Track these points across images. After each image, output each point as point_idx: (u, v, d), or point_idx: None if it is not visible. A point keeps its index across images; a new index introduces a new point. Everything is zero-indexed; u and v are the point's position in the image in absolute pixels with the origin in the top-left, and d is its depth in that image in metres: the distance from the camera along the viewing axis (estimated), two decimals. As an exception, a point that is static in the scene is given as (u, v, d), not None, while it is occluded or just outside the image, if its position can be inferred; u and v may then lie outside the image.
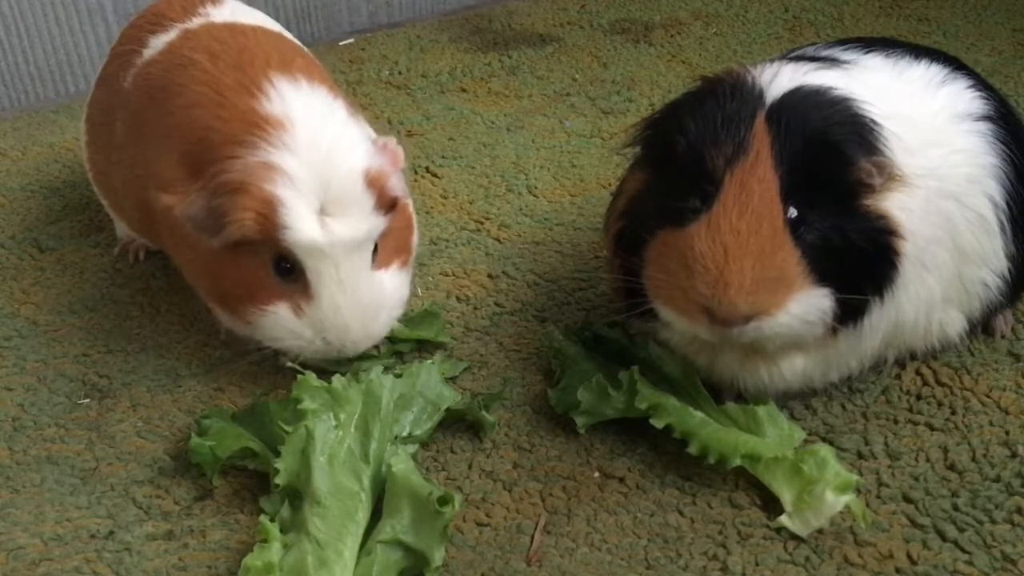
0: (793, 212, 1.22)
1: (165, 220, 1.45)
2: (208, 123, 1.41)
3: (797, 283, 1.21)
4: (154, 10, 1.72)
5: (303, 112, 1.41)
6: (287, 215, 1.33)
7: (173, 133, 1.45)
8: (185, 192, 1.39)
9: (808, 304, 1.23)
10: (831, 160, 1.23)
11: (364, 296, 1.41)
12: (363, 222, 1.38)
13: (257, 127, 1.38)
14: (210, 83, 1.45)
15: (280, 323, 1.40)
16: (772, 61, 1.39)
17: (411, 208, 1.58)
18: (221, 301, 1.46)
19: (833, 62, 1.40)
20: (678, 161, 1.27)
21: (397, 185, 1.43)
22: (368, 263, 1.42)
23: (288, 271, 1.38)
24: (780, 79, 1.29)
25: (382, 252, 1.45)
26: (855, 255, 1.24)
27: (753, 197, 1.21)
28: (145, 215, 1.57)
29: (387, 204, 1.41)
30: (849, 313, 1.26)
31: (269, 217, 1.33)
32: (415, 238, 1.57)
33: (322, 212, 1.36)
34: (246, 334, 1.47)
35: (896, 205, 1.26)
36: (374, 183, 1.39)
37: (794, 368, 1.32)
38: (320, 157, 1.36)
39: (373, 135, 1.53)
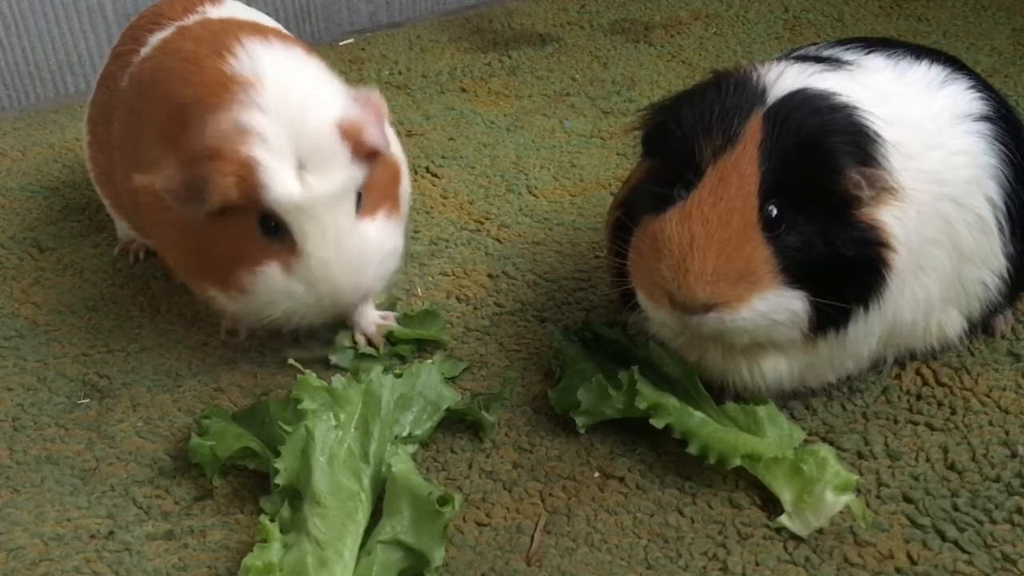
0: (773, 211, 1.22)
1: (143, 203, 1.43)
2: (180, 91, 1.40)
3: (764, 281, 1.21)
4: (155, 10, 1.72)
5: (272, 69, 1.39)
6: (265, 175, 1.31)
7: (154, 115, 1.45)
8: (161, 167, 1.37)
9: (775, 304, 1.23)
10: (821, 166, 1.22)
11: (350, 247, 1.38)
12: (340, 174, 1.36)
13: (225, 88, 1.36)
14: (188, 58, 1.44)
15: (272, 283, 1.38)
16: (778, 60, 1.39)
17: (401, 159, 1.56)
18: (211, 274, 1.43)
19: (837, 63, 1.40)
20: (672, 149, 1.28)
21: (376, 134, 1.40)
22: (352, 215, 1.39)
23: (274, 229, 1.36)
24: (785, 79, 1.29)
25: (366, 202, 1.42)
26: (840, 263, 1.24)
27: (730, 190, 1.21)
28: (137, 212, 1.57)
29: (365, 154, 1.39)
30: (830, 320, 1.26)
31: (248, 179, 1.31)
32: (405, 187, 1.55)
33: (299, 167, 1.34)
34: (240, 308, 1.45)
35: (891, 215, 1.25)
36: (349, 134, 1.37)
37: (777, 369, 1.32)
38: (291, 112, 1.34)
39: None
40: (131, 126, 1.54)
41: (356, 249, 1.39)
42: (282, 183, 1.32)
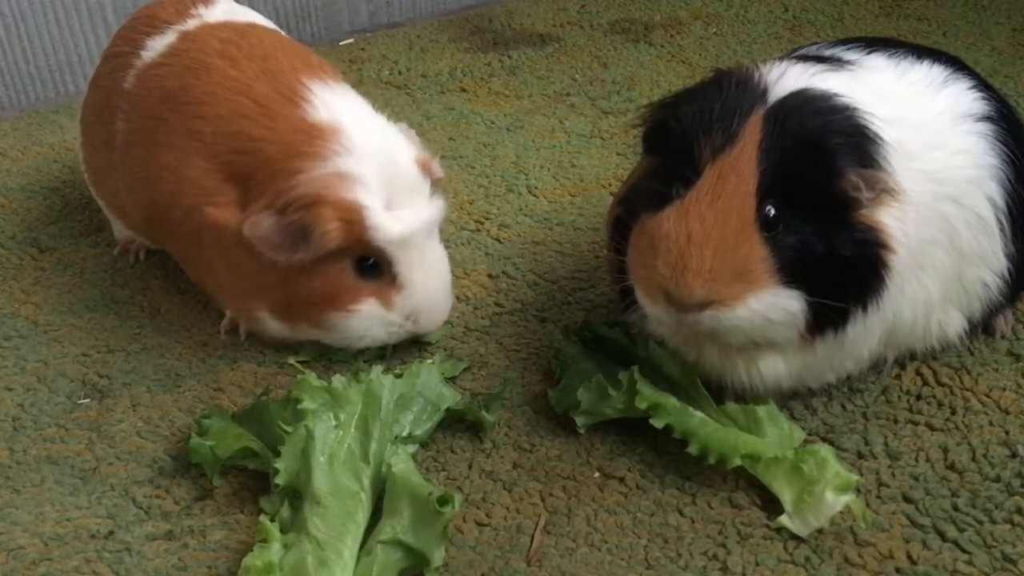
0: (770, 211, 1.22)
1: (211, 236, 1.47)
2: (256, 134, 1.44)
3: (760, 280, 1.21)
4: (147, 12, 1.73)
5: (348, 115, 1.47)
6: (371, 217, 1.39)
7: (206, 140, 1.47)
8: (240, 209, 1.42)
9: (771, 303, 1.22)
10: (820, 168, 1.22)
11: (443, 273, 1.51)
12: (431, 205, 1.47)
13: (312, 137, 1.42)
14: (246, 93, 1.48)
15: (369, 319, 1.46)
16: (780, 60, 1.39)
17: None
18: (290, 313, 1.48)
19: (839, 63, 1.40)
20: (672, 147, 1.28)
21: (438, 167, 1.53)
22: (439, 242, 1.51)
23: (370, 269, 1.44)
24: (786, 79, 1.29)
25: None
26: (839, 264, 1.23)
27: (728, 188, 1.22)
28: (151, 215, 1.58)
29: (436, 184, 1.51)
30: (828, 320, 1.26)
31: (355, 222, 1.38)
32: None
33: (388, 206, 1.42)
34: (313, 339, 1.52)
35: (891, 215, 1.25)
36: (425, 168, 1.48)
37: (775, 369, 1.32)
38: (377, 154, 1.43)
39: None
40: (149, 136, 1.55)
41: (445, 272, 1.51)
42: (388, 222, 1.40)
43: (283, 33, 1.74)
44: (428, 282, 1.47)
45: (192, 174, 1.47)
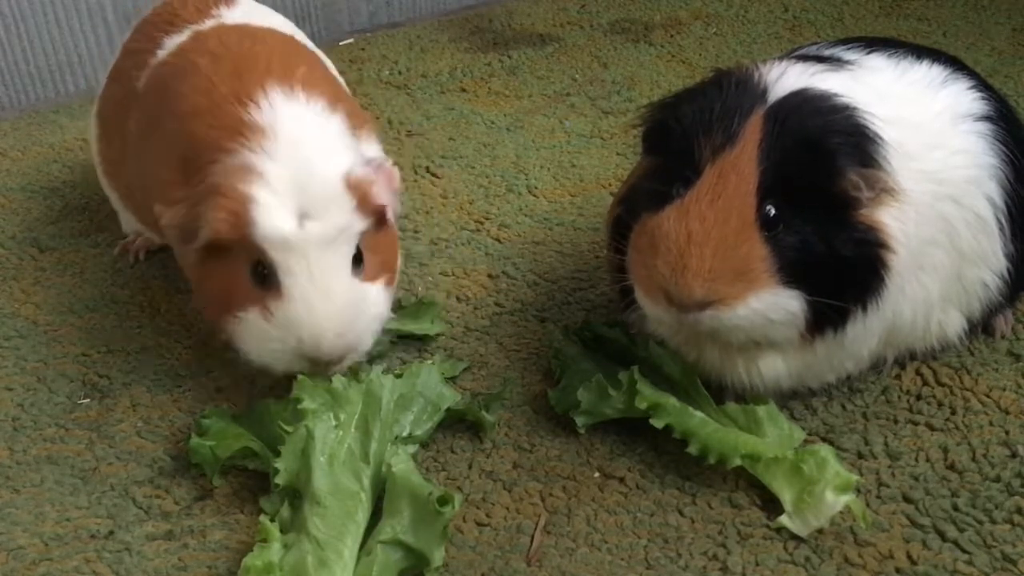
0: (771, 210, 1.22)
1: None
2: (200, 132, 1.40)
3: (760, 279, 1.21)
4: (170, 9, 1.71)
5: (289, 121, 1.39)
6: (258, 211, 1.30)
7: (173, 139, 1.45)
8: (172, 201, 1.39)
9: (771, 303, 1.22)
10: (820, 167, 1.22)
11: (340, 297, 1.34)
12: (339, 219, 1.34)
13: (240, 134, 1.36)
14: (208, 92, 1.44)
15: (250, 329, 1.36)
16: (780, 60, 1.39)
17: (396, 232, 1.54)
18: (207, 312, 1.44)
19: (838, 63, 1.40)
20: (672, 147, 1.28)
21: (384, 194, 1.39)
22: (346, 264, 1.36)
23: (264, 276, 1.34)
24: (786, 79, 1.29)
25: (369, 266, 1.40)
26: (839, 264, 1.24)
27: (728, 188, 1.22)
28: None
29: (371, 210, 1.38)
30: (828, 320, 1.26)
31: (241, 215, 1.30)
32: (399, 262, 1.53)
33: (302, 216, 1.32)
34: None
35: (891, 215, 1.25)
36: (355, 187, 1.36)
37: (774, 369, 1.32)
38: (299, 162, 1.34)
39: (378, 153, 1.51)
40: (148, 135, 1.54)
41: (347, 300, 1.35)
42: (274, 220, 1.30)
43: (300, 37, 1.72)
44: (311, 298, 1.32)
45: (161, 173, 1.45)
